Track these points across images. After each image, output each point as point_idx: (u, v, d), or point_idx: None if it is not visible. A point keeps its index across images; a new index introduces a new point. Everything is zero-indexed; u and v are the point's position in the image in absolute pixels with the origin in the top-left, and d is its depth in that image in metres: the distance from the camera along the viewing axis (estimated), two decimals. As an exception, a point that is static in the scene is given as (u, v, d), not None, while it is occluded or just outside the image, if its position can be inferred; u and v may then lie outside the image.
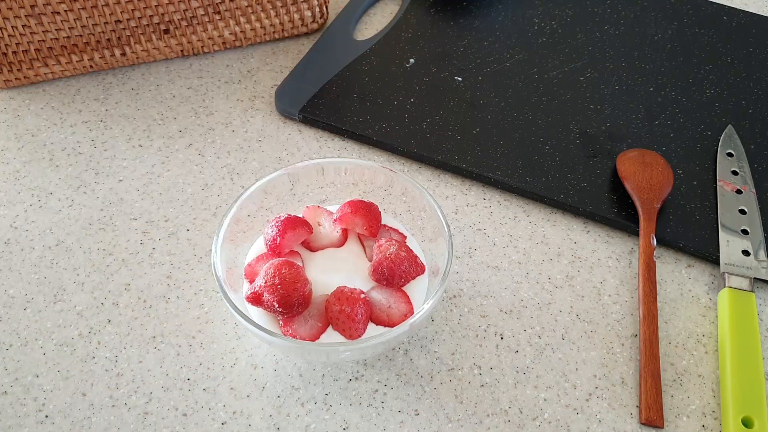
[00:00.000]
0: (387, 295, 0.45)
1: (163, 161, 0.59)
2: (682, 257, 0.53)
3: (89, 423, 0.44)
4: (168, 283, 0.51)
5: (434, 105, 0.62)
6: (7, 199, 0.56)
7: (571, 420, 0.44)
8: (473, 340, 0.48)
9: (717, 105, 0.62)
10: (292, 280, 0.43)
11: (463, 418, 0.44)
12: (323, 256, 0.47)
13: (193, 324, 0.48)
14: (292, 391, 0.45)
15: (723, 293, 0.49)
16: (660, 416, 0.44)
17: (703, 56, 0.67)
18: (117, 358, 0.47)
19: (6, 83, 0.63)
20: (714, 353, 0.47)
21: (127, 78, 0.65)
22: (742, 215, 0.53)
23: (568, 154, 0.58)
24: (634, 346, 0.48)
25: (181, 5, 0.62)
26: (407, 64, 0.65)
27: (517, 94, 0.63)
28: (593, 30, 0.69)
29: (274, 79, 0.66)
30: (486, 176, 0.56)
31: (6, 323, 0.48)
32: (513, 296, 0.50)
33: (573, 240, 0.54)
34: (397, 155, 0.59)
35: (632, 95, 0.63)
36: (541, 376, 0.46)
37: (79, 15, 0.60)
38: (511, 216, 0.55)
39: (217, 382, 0.46)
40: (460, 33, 0.69)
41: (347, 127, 0.60)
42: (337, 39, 0.68)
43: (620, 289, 0.51)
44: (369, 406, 0.45)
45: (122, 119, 0.62)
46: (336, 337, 0.43)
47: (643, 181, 0.54)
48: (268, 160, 0.59)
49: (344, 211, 0.48)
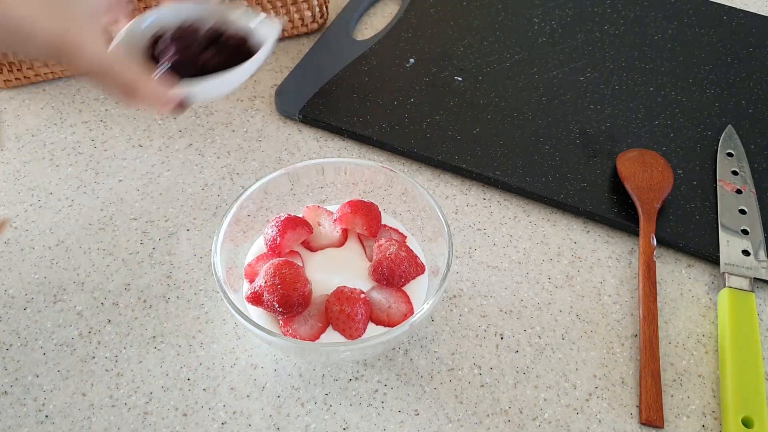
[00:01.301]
0: (387, 295, 0.45)
1: (163, 161, 0.59)
2: (682, 257, 0.53)
3: (89, 423, 0.44)
4: (168, 283, 0.51)
5: (434, 105, 0.62)
6: (7, 199, 0.56)
7: (571, 420, 0.44)
8: (473, 340, 0.48)
9: (717, 105, 0.62)
10: (292, 280, 0.43)
11: (463, 418, 0.44)
12: (323, 256, 0.47)
13: (193, 324, 0.48)
14: (292, 391, 0.45)
15: (723, 293, 0.49)
16: (660, 416, 0.44)
17: (703, 56, 0.67)
18: (117, 358, 0.47)
19: (6, 83, 0.63)
20: (714, 353, 0.47)
21: (127, 78, 0.65)
22: (742, 215, 0.53)
23: (568, 154, 0.58)
24: (634, 346, 0.48)
25: (181, 5, 0.62)
26: (407, 64, 0.65)
27: (517, 94, 0.63)
28: (593, 30, 0.69)
29: (274, 79, 0.66)
30: (486, 176, 0.56)
31: (6, 323, 0.48)
32: (513, 296, 0.50)
33: (573, 240, 0.54)
34: (397, 155, 0.59)
35: (632, 95, 0.63)
36: (541, 376, 0.46)
37: (79, 15, 0.60)
38: (511, 216, 0.55)
39: (217, 382, 0.46)
40: (460, 33, 0.69)
41: (347, 127, 0.60)
42: (337, 39, 0.68)
43: (620, 289, 0.51)
44: (369, 406, 0.45)
45: (122, 119, 0.62)
46: (336, 337, 0.43)
47: (643, 181, 0.54)
48: (268, 160, 0.59)
49: (344, 211, 0.48)
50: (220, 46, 0.46)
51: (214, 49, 0.46)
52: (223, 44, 0.46)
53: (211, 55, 0.45)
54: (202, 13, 0.48)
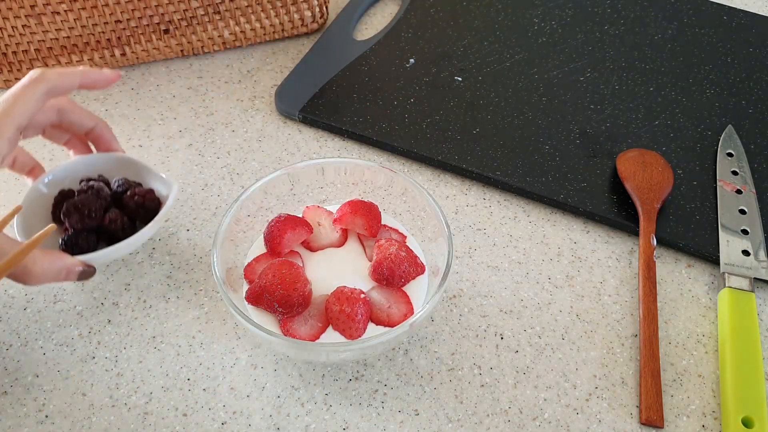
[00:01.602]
0: (387, 295, 0.45)
1: (163, 161, 0.59)
2: (682, 257, 0.53)
3: (89, 423, 0.44)
4: (168, 283, 0.51)
5: (434, 105, 0.62)
6: (7, 199, 0.56)
7: (571, 420, 0.44)
8: (473, 340, 0.48)
9: (717, 105, 0.62)
10: (292, 280, 0.43)
11: (463, 418, 0.44)
12: (323, 256, 0.47)
13: (193, 324, 0.48)
14: (292, 391, 0.45)
15: (723, 293, 0.49)
16: (660, 416, 0.44)
17: (703, 56, 0.67)
18: (117, 358, 0.47)
19: (6, 83, 0.63)
20: (714, 353, 0.47)
21: (127, 78, 0.65)
22: (742, 215, 0.53)
23: (568, 154, 0.58)
24: (634, 346, 0.48)
25: (181, 5, 0.62)
26: (407, 64, 0.65)
27: (517, 94, 0.63)
28: (593, 30, 0.69)
29: (274, 79, 0.66)
30: (486, 176, 0.56)
31: (6, 323, 0.48)
32: (513, 296, 0.50)
33: (573, 240, 0.54)
34: (397, 155, 0.59)
35: (632, 95, 0.63)
36: (541, 376, 0.46)
37: (79, 15, 0.60)
38: (511, 216, 0.55)
39: (217, 382, 0.46)
40: (460, 33, 0.69)
41: (347, 127, 0.60)
42: (337, 39, 0.68)
43: (620, 289, 0.51)
44: (369, 406, 0.45)
45: (122, 119, 0.62)
46: (336, 337, 0.43)
47: (643, 181, 0.54)
48: (268, 160, 0.59)
49: (344, 211, 0.48)
50: (124, 205, 0.49)
51: (117, 210, 0.48)
52: (127, 202, 0.49)
53: (114, 216, 0.48)
54: (106, 166, 0.51)
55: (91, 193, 0.48)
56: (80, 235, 0.47)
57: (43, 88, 0.44)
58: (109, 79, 0.48)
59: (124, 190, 0.50)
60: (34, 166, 0.51)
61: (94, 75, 0.47)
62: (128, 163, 0.51)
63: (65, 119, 0.49)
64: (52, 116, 0.49)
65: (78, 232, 0.47)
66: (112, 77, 0.48)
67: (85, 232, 0.47)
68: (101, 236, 0.48)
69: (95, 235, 0.48)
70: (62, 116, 0.49)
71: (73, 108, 0.50)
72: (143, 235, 0.47)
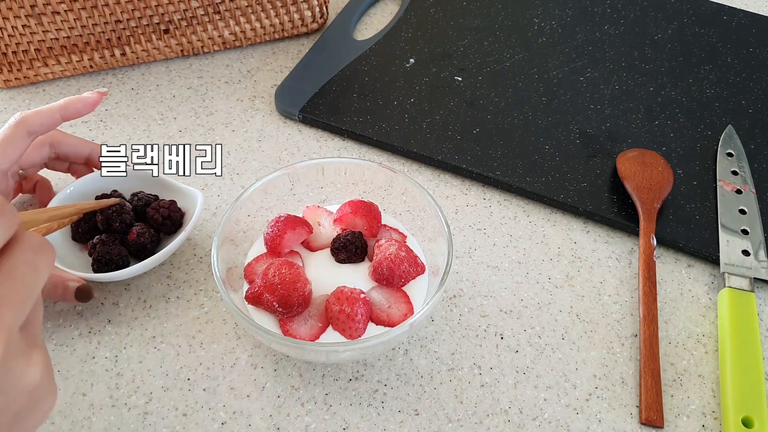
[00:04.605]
0: (387, 295, 0.45)
1: (163, 161, 0.59)
2: (682, 257, 0.53)
3: (89, 423, 0.44)
4: (168, 283, 0.51)
5: (434, 105, 0.62)
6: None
7: (571, 420, 0.44)
8: (473, 340, 0.48)
9: (717, 105, 0.62)
10: (292, 280, 0.43)
11: (463, 418, 0.44)
12: (323, 256, 0.47)
13: (193, 324, 0.48)
14: (292, 391, 0.45)
15: (723, 293, 0.49)
16: (660, 416, 0.44)
17: (703, 56, 0.67)
18: (117, 358, 0.47)
19: (6, 83, 0.63)
20: (714, 353, 0.47)
21: (127, 78, 0.65)
22: (742, 215, 0.53)
23: (568, 154, 0.58)
24: (634, 346, 0.48)
25: (181, 5, 0.62)
26: (407, 64, 0.65)
27: (517, 94, 0.63)
28: (593, 30, 0.69)
29: (274, 79, 0.66)
30: (486, 176, 0.56)
31: (6, 323, 0.48)
32: (513, 296, 0.50)
33: (573, 240, 0.54)
34: (397, 155, 0.59)
35: (632, 95, 0.63)
36: (541, 376, 0.46)
37: (79, 15, 0.60)
38: (511, 216, 0.55)
39: (217, 382, 0.46)
40: (460, 33, 0.69)
41: (347, 127, 0.60)
42: (337, 39, 0.68)
43: (620, 289, 0.51)
44: (369, 406, 0.45)
45: (122, 119, 0.62)
46: (336, 337, 0.43)
47: (643, 181, 0.54)
48: (268, 160, 0.59)
49: (344, 211, 0.48)
50: (148, 218, 0.49)
51: (142, 224, 0.49)
52: (152, 215, 0.49)
53: (141, 230, 0.48)
54: (126, 183, 0.51)
55: (114, 209, 0.48)
56: (112, 250, 0.47)
57: (23, 131, 0.45)
58: (93, 102, 0.48)
59: (146, 203, 0.50)
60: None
61: (76, 105, 0.47)
62: (143, 177, 0.52)
63: (60, 152, 0.51)
64: (46, 152, 0.50)
65: (109, 248, 0.47)
66: (95, 99, 0.48)
67: (116, 248, 0.47)
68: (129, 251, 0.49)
69: (126, 250, 0.48)
70: (56, 149, 0.50)
71: (66, 140, 0.50)
72: (174, 246, 0.48)
